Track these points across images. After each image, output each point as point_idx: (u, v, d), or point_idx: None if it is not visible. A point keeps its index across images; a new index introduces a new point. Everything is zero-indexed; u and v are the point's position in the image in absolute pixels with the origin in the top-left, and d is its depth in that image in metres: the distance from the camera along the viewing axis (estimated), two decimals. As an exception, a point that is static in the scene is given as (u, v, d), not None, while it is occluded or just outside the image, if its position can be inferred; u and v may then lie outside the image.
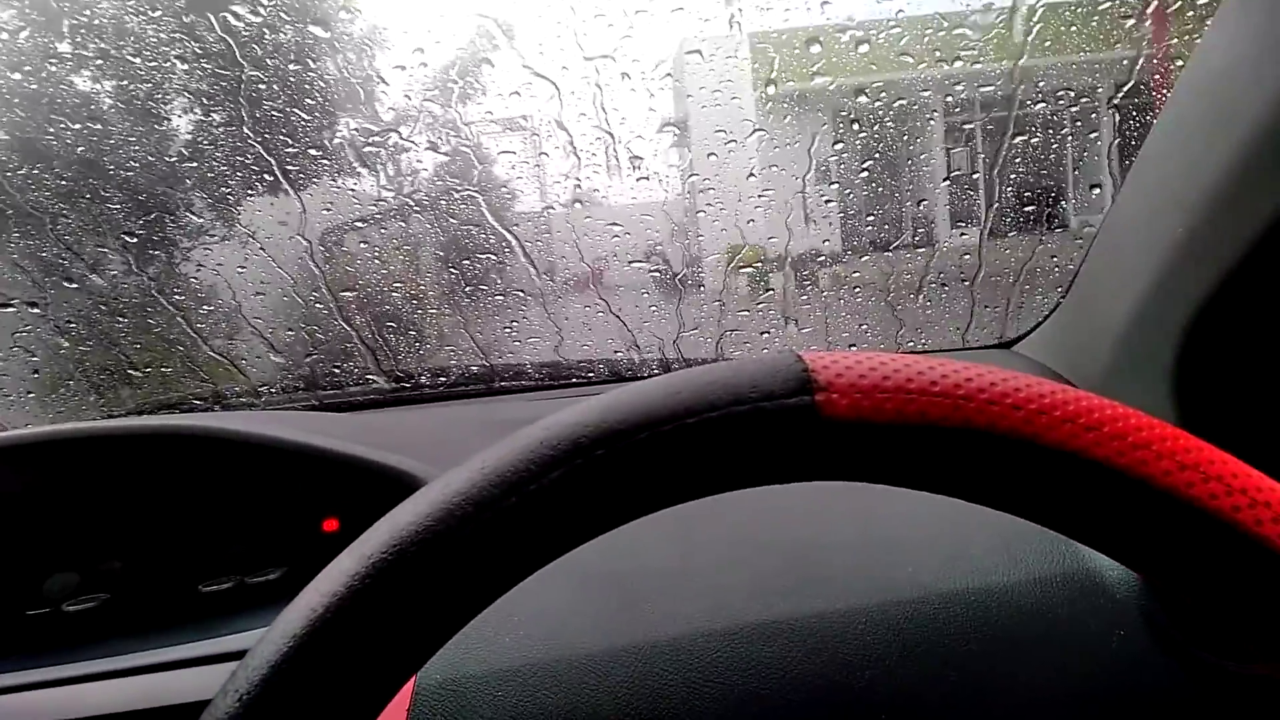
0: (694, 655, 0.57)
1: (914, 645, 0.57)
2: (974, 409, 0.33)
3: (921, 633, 0.57)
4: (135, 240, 2.35)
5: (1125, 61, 1.93)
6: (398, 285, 2.41)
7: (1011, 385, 0.34)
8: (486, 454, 0.35)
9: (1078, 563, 0.66)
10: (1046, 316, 0.74)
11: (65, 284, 2.23)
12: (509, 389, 1.67)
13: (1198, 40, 0.59)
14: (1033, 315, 1.00)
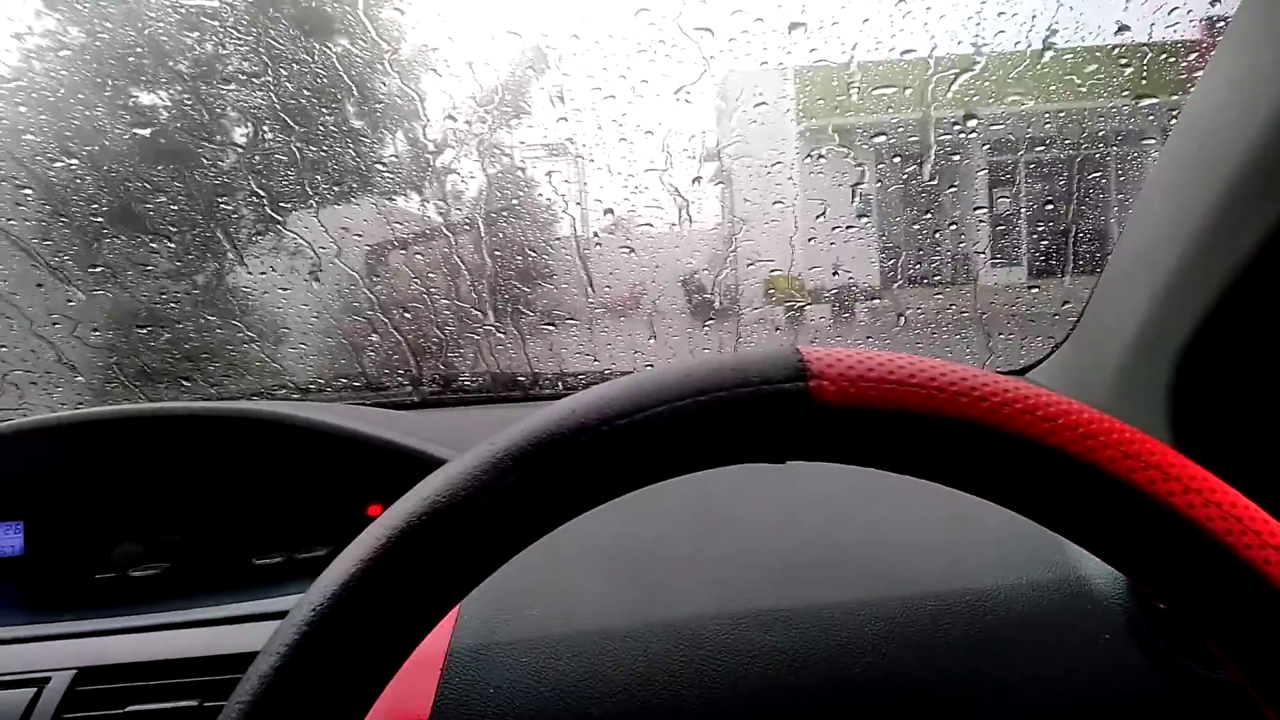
0: (703, 637, 0.62)
1: (910, 638, 0.61)
2: (945, 399, 0.37)
3: (918, 627, 0.61)
4: (197, 248, 2.47)
5: (1139, 108, 1.97)
6: (447, 298, 2.50)
7: (980, 381, 0.38)
8: (528, 419, 0.41)
9: (1069, 569, 0.69)
10: (1057, 346, 0.78)
11: (146, 280, 2.35)
12: (548, 395, 1.74)
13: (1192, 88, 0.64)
14: (1046, 346, 1.04)
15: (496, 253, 2.96)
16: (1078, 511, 0.37)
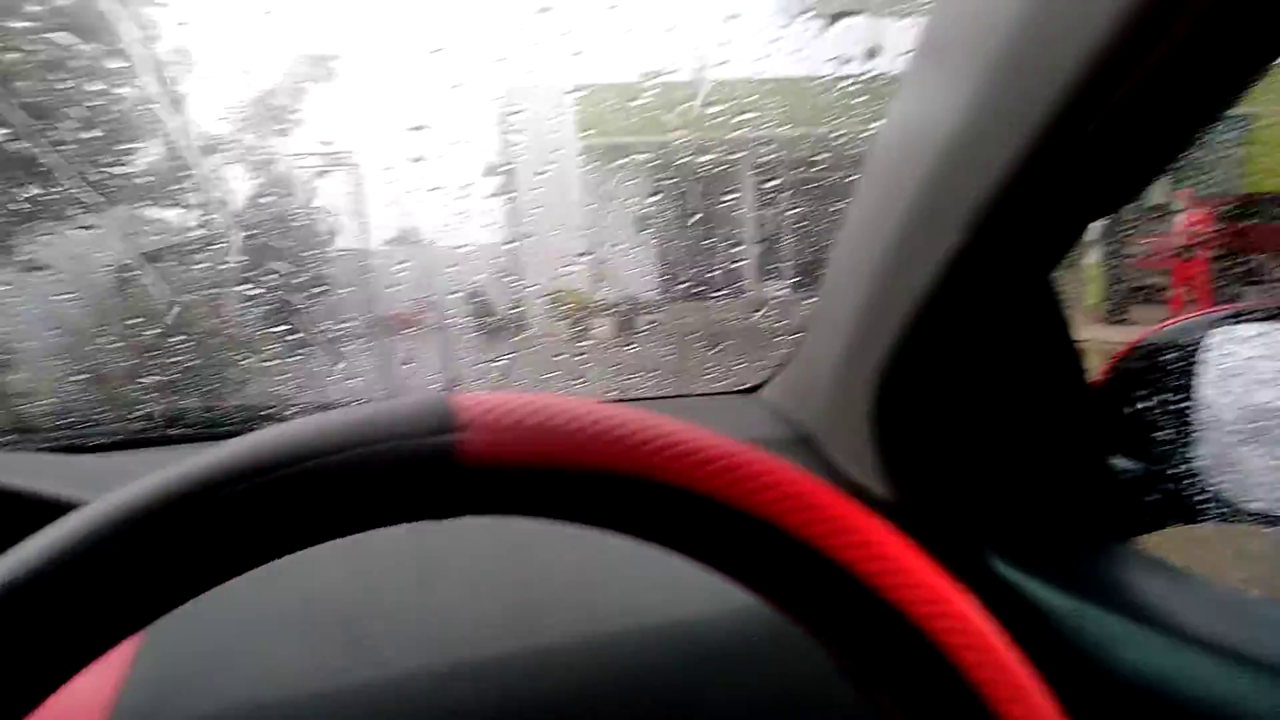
0: (414, 694, 0.59)
1: (623, 676, 0.60)
2: (598, 448, 0.34)
3: (631, 663, 0.60)
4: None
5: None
6: (190, 320, 2.31)
7: (638, 427, 0.34)
8: (122, 492, 0.34)
9: None
10: (784, 364, 0.80)
11: None
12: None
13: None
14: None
15: (255, 267, 2.80)
16: (729, 555, 0.35)
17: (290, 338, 2.23)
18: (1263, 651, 0.46)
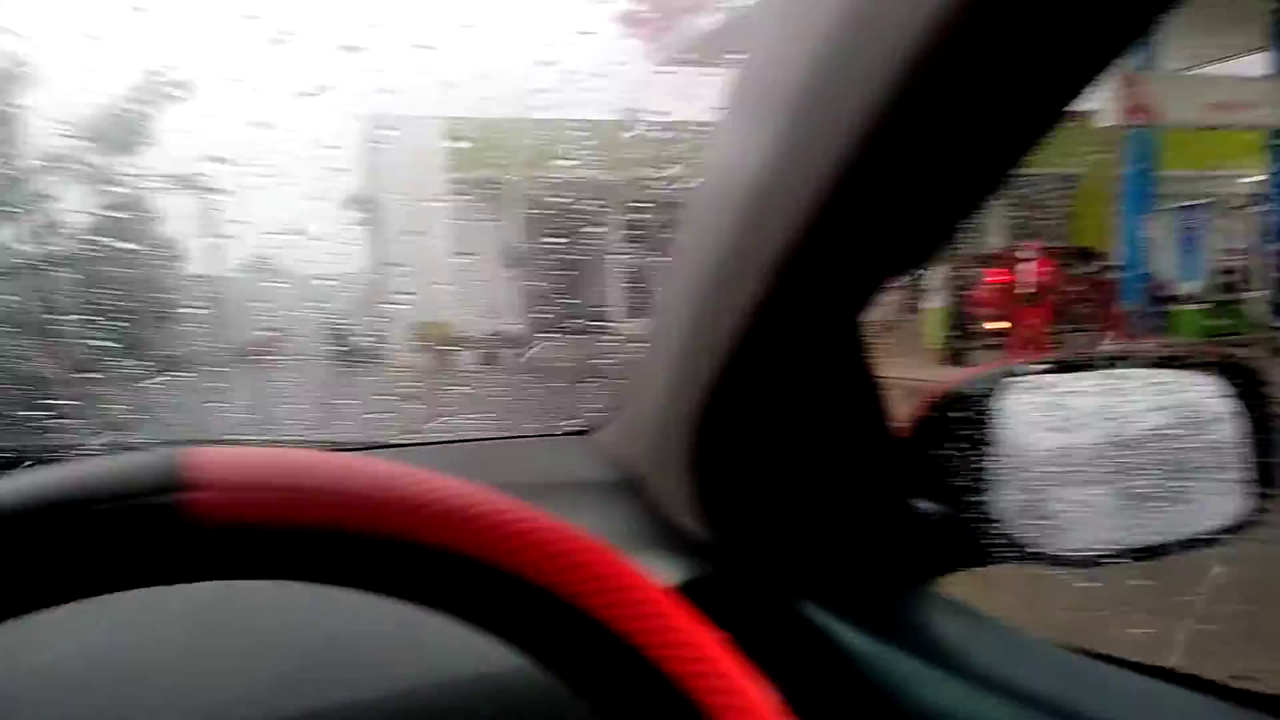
0: None
1: None
2: (336, 505, 0.32)
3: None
4: None
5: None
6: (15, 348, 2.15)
7: (381, 482, 0.33)
8: None
9: None
10: (621, 404, 0.78)
11: None
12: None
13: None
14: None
15: (101, 292, 2.63)
16: (478, 610, 0.33)
17: (116, 369, 2.10)
18: (1048, 695, 0.48)
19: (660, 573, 0.59)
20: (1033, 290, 10.37)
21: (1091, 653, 0.53)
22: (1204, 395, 0.67)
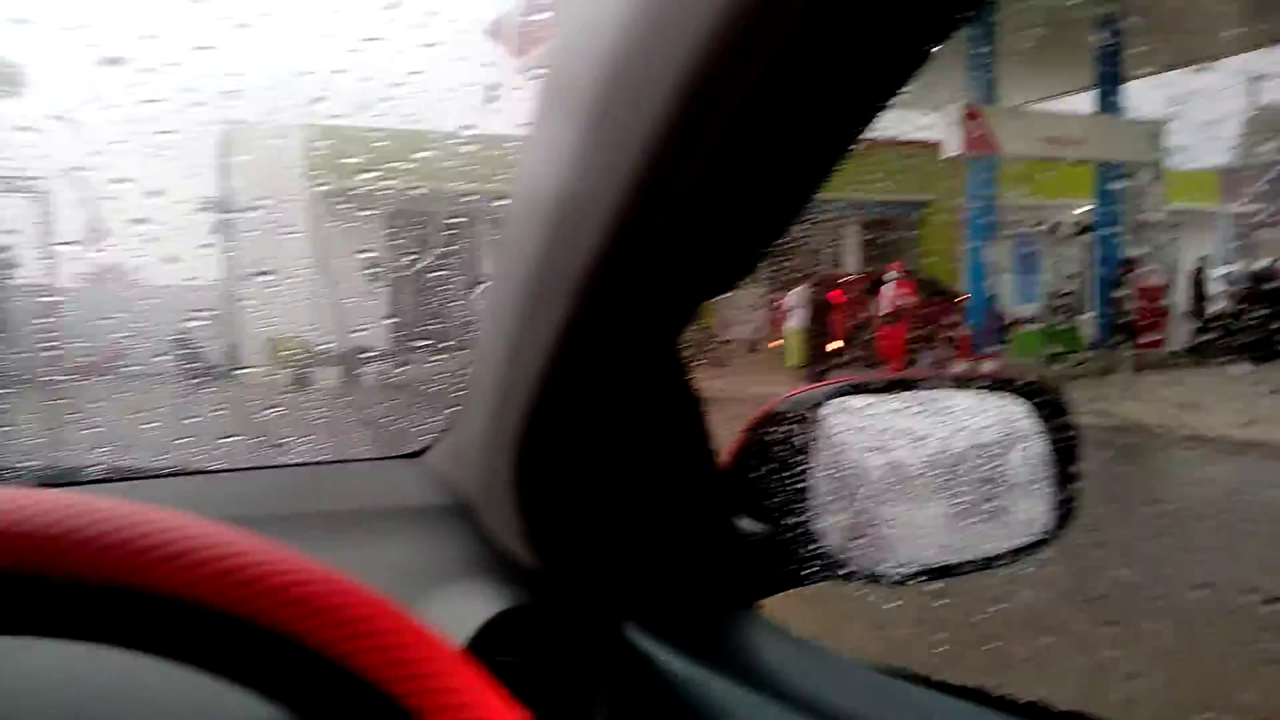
0: None
1: None
2: (58, 550, 0.29)
3: None
4: None
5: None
6: None
7: (111, 525, 0.30)
8: None
9: None
10: (451, 426, 0.74)
11: None
12: None
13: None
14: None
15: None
16: (213, 658, 0.31)
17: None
18: (860, 716, 0.48)
19: (484, 600, 0.58)
20: (893, 311, 10.86)
21: (905, 673, 0.53)
22: (1012, 417, 0.70)
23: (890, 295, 10.64)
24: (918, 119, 10.66)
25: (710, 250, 0.44)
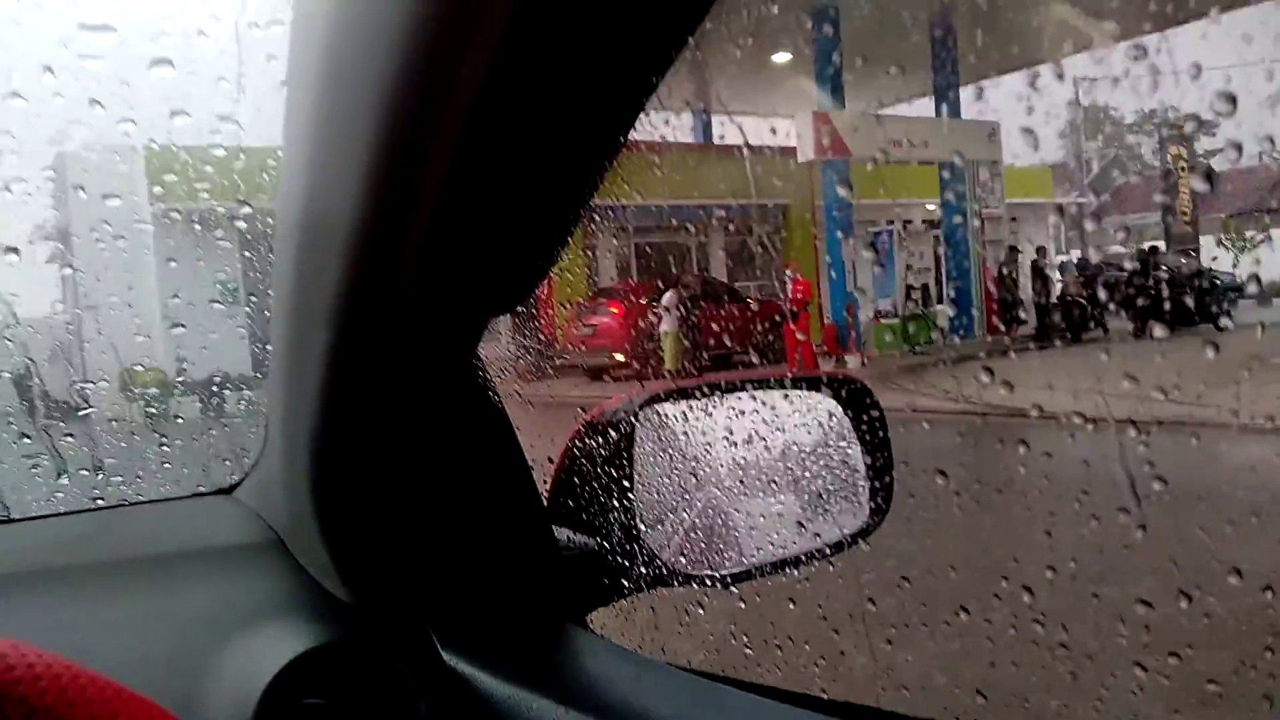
0: None
1: None
2: None
3: None
4: None
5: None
6: None
7: None
8: None
9: None
10: (256, 458, 0.67)
11: None
12: None
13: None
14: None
15: None
16: None
17: None
18: None
19: (292, 640, 0.56)
20: (793, 309, 11.03)
21: (725, 678, 0.54)
22: (824, 413, 0.73)
23: (790, 294, 10.83)
24: (781, 124, 11.05)
25: (480, 264, 0.43)
